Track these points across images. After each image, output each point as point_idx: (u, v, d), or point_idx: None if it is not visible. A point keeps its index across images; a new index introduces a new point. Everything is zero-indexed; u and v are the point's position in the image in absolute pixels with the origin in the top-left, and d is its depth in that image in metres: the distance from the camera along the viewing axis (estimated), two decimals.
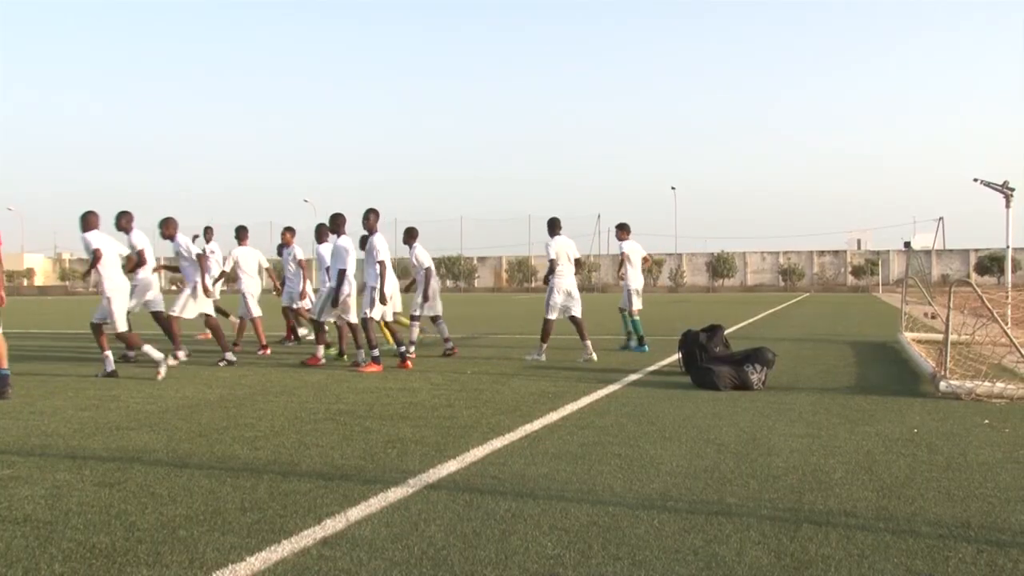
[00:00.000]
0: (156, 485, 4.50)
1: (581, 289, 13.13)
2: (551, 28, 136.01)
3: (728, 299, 43.49)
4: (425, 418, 6.56)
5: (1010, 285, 16.58)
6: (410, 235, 12.35)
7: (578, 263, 11.77)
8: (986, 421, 6.36)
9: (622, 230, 13.43)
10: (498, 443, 5.56)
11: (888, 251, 70.51)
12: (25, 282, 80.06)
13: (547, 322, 11.55)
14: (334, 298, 10.42)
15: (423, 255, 12.24)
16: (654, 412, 6.80)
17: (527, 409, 6.96)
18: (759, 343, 9.62)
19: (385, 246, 10.33)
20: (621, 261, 13.34)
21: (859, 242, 77.95)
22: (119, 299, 9.65)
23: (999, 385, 7.46)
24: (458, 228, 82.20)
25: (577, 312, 11.61)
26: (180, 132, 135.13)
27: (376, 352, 10.01)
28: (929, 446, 5.45)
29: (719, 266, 69.58)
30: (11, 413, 6.95)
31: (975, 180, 16.01)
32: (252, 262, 13.60)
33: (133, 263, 10.81)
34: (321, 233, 11.70)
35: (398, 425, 6.24)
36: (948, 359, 8.00)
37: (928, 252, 65.73)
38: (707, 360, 8.68)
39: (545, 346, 11.40)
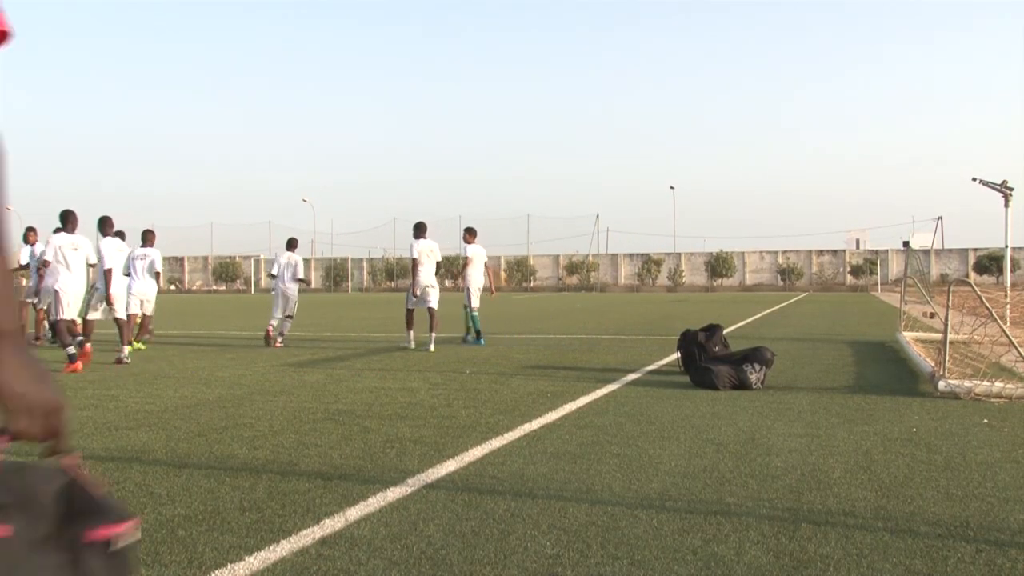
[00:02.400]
0: (155, 485, 4.50)
1: (580, 288, 13.71)
2: (551, 28, 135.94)
3: (727, 298, 43.50)
4: (424, 418, 6.56)
5: (1009, 284, 16.59)
6: (418, 230, 13.73)
7: (438, 265, 13.61)
8: (985, 420, 6.36)
9: (469, 234, 14.83)
10: (497, 443, 5.56)
11: (887, 250, 70.56)
12: (24, 282, 79.98)
13: (408, 312, 13.32)
14: (103, 297, 11.38)
15: (412, 248, 13.43)
16: (653, 412, 6.80)
17: (526, 409, 6.96)
18: (758, 343, 9.63)
19: (114, 251, 11.37)
20: (464, 263, 14.70)
21: (858, 241, 77.98)
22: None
23: (998, 384, 7.47)
24: (457, 228, 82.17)
25: (434, 304, 13.23)
26: (179, 132, 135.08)
27: (71, 350, 9.91)
28: (928, 446, 5.46)
29: (718, 266, 69.59)
30: None
31: (974, 179, 16.05)
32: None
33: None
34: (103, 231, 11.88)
35: (397, 425, 6.24)
36: (947, 358, 8.00)
37: (927, 251, 65.76)
38: (706, 360, 8.68)
39: (411, 333, 13.11)
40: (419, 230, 13.64)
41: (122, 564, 1.29)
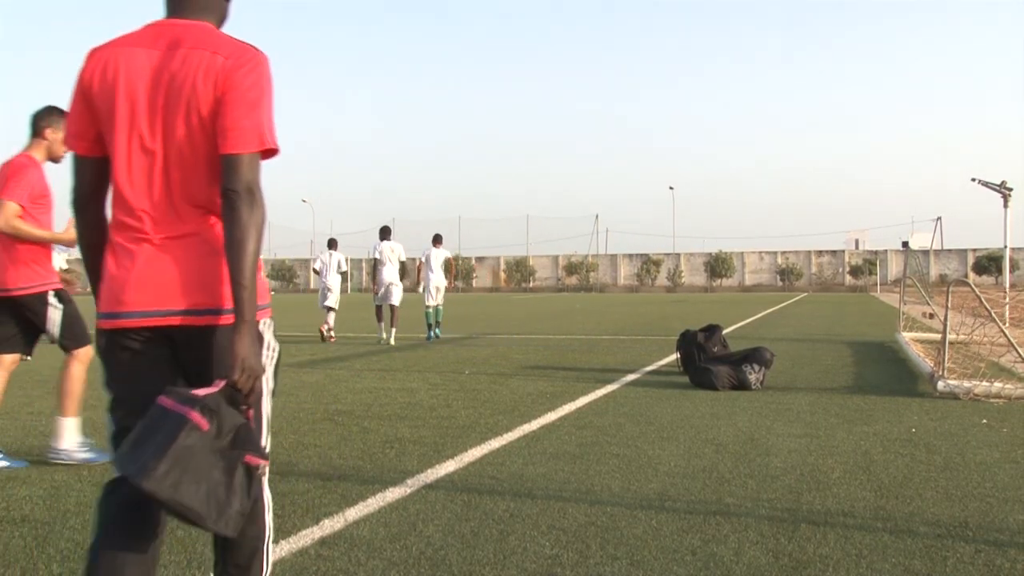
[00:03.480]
0: None
1: (579, 288, 14.00)
2: (551, 28, 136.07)
3: (726, 299, 43.51)
4: (423, 418, 6.55)
5: (1008, 285, 16.60)
6: (383, 232, 14.98)
7: (403, 265, 14.78)
8: (984, 421, 6.37)
9: (436, 241, 15.98)
10: (496, 443, 5.56)
11: (886, 251, 70.58)
12: None
13: (377, 308, 14.71)
14: None
15: (374, 249, 14.83)
16: (652, 412, 6.80)
17: (525, 409, 6.96)
18: (757, 343, 9.63)
19: None
20: (419, 265, 16.07)
21: (857, 242, 78.01)
22: None
23: (997, 385, 7.47)
24: (456, 228, 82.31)
25: (395, 301, 14.47)
26: None
27: None
28: (927, 446, 5.46)
29: (717, 266, 69.59)
30: (9, 413, 6.94)
31: (973, 180, 16.04)
32: None
33: None
34: None
35: (396, 425, 6.24)
36: (946, 359, 8.01)
37: (926, 252, 65.77)
38: (705, 360, 8.69)
39: (382, 325, 14.42)
40: (384, 233, 14.95)
41: (256, 482, 2.19)
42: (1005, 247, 16.48)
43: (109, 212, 2.30)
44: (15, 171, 4.82)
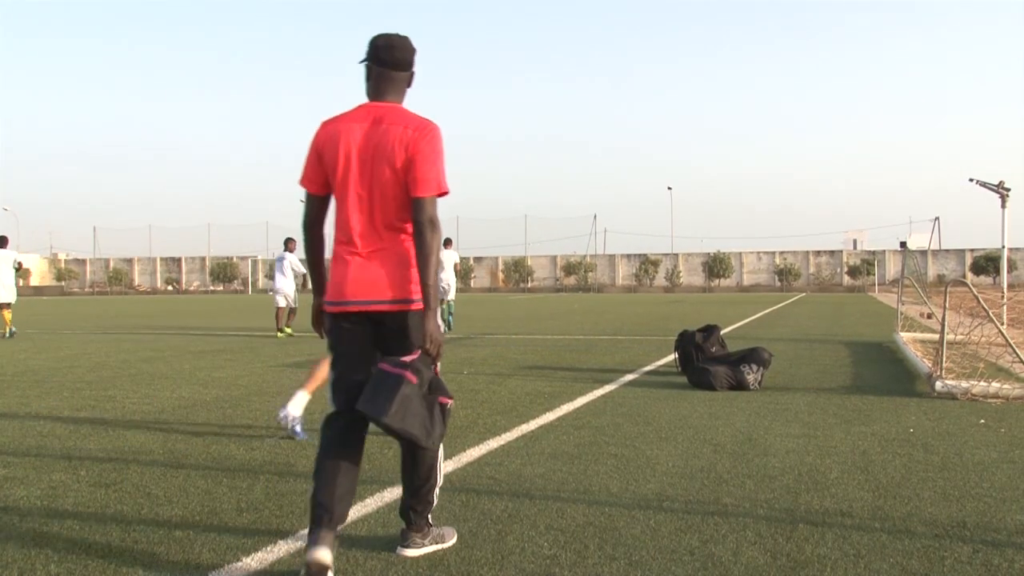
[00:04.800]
0: (152, 486, 4.50)
1: (577, 289, 14.29)
2: (550, 28, 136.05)
3: (724, 299, 43.53)
4: None
5: (1006, 285, 16.61)
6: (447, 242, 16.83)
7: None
8: (982, 421, 6.37)
9: (447, 244, 17.18)
10: (494, 443, 5.56)
11: (884, 251, 70.61)
12: (21, 282, 79.89)
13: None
14: None
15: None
16: (650, 412, 6.80)
17: (523, 409, 6.96)
18: (755, 343, 9.63)
19: None
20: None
21: (855, 242, 78.08)
22: None
23: (995, 385, 7.47)
24: (455, 228, 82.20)
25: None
26: (177, 133, 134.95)
27: None
28: (925, 446, 5.46)
29: (715, 266, 69.60)
30: (8, 413, 6.93)
31: (971, 180, 16.01)
32: None
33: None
34: None
35: None
36: (944, 359, 8.01)
37: (924, 252, 65.80)
38: (703, 360, 8.69)
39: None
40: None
41: (448, 415, 3.23)
42: (1003, 247, 16.48)
43: (326, 233, 3.43)
44: None
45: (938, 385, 7.59)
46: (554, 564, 3.27)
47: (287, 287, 16.35)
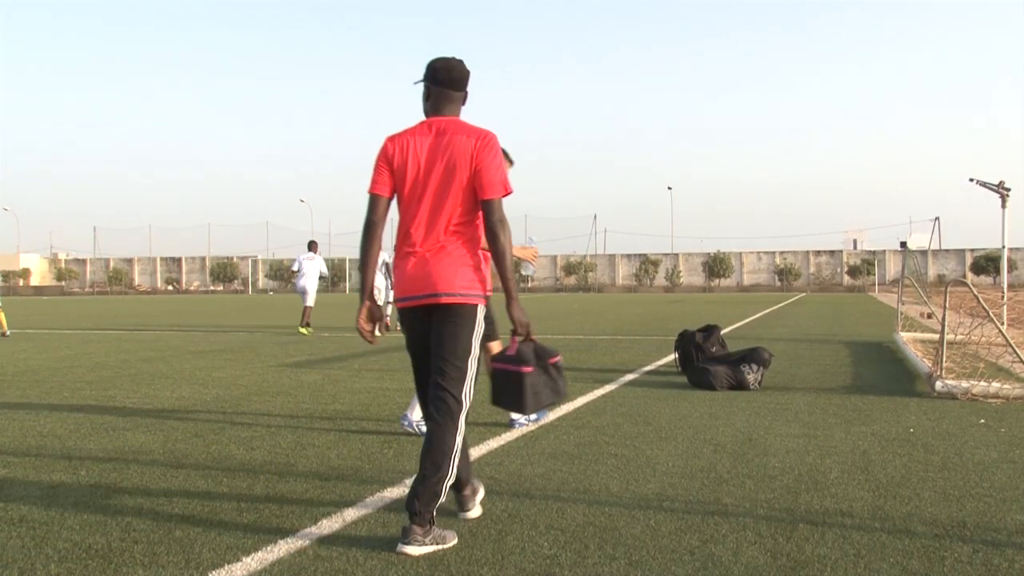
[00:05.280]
0: (152, 485, 4.50)
1: (577, 288, 14.22)
2: (549, 28, 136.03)
3: (724, 299, 43.52)
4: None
5: (1006, 285, 16.60)
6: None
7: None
8: (982, 421, 6.37)
9: None
10: (494, 443, 5.55)
11: (884, 251, 70.64)
12: (21, 282, 79.92)
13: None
14: None
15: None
16: (650, 412, 6.80)
17: None
18: (755, 343, 9.64)
19: None
20: None
21: (855, 242, 78.09)
22: None
23: (995, 385, 7.47)
24: None
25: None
26: (177, 132, 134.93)
27: None
28: (925, 446, 5.46)
29: (715, 266, 69.61)
30: (7, 413, 6.93)
31: (971, 180, 15.99)
32: None
33: None
34: None
35: (395, 425, 6.23)
36: (944, 359, 8.01)
37: (924, 252, 65.82)
38: (703, 360, 8.69)
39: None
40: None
41: (562, 371, 3.81)
42: (1003, 247, 16.46)
43: (384, 235, 3.74)
44: None
45: (938, 385, 7.59)
46: (554, 564, 3.27)
47: (312, 287, 17.49)
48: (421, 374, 3.76)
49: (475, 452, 5.26)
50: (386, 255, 17.92)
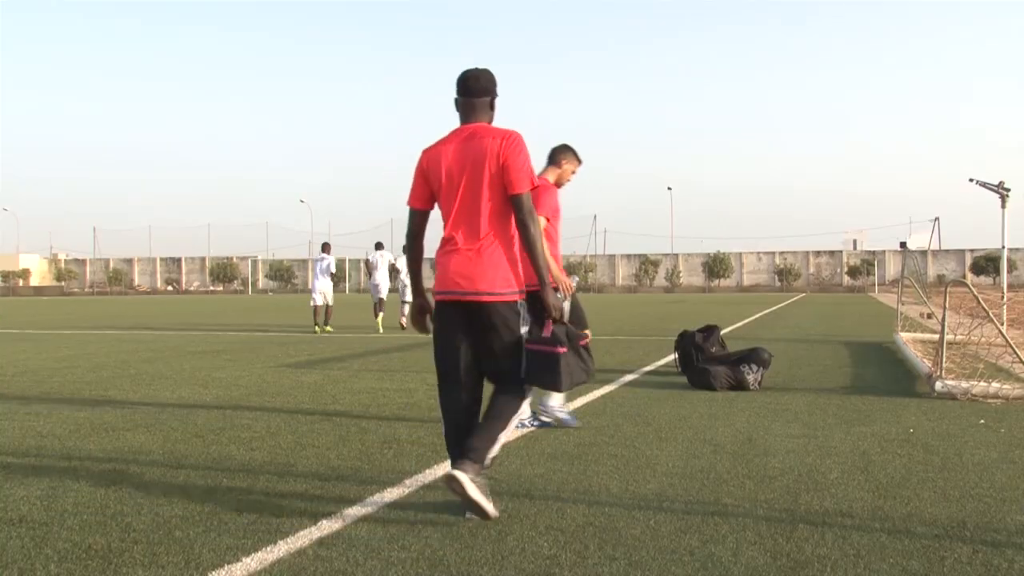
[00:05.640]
0: (152, 486, 4.50)
1: (577, 289, 14.47)
2: (549, 28, 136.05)
3: (724, 299, 43.52)
4: (421, 419, 6.55)
5: (1006, 285, 16.60)
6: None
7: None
8: (982, 421, 6.37)
9: None
10: None
11: (884, 251, 70.63)
12: (20, 282, 79.91)
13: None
14: None
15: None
16: (650, 412, 6.80)
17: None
18: (755, 343, 9.63)
19: None
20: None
21: (855, 242, 78.07)
22: None
23: (995, 385, 7.47)
24: None
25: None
26: (177, 132, 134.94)
27: None
28: (925, 446, 5.46)
29: (715, 266, 69.61)
30: (7, 413, 6.93)
31: (971, 180, 15.97)
32: None
33: None
34: None
35: (394, 426, 6.24)
36: (944, 359, 8.01)
37: (924, 252, 65.79)
38: (703, 360, 8.69)
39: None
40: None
41: (590, 352, 4.10)
42: (1003, 247, 16.45)
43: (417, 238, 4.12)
44: (543, 191, 5.72)
45: (938, 385, 7.59)
46: (554, 564, 3.26)
47: (327, 287, 18.13)
48: (452, 359, 3.93)
49: None
50: (390, 256, 19.01)
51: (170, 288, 79.52)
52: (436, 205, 4.01)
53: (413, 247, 4.12)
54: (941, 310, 8.67)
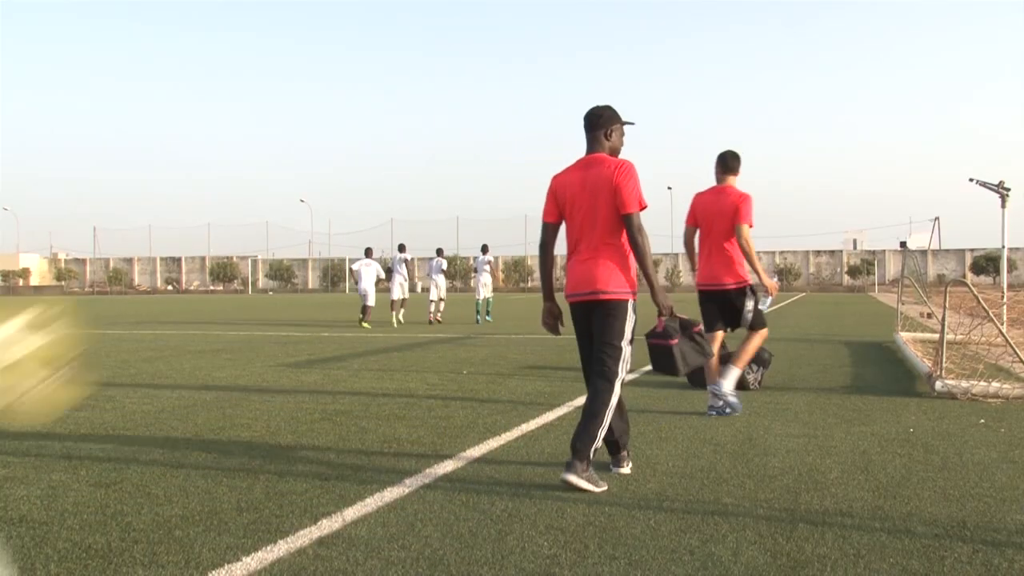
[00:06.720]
0: (152, 485, 4.50)
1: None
2: (549, 28, 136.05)
3: None
4: (421, 418, 6.55)
5: (1006, 285, 16.59)
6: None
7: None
8: (982, 421, 6.37)
9: (484, 250, 22.31)
10: (494, 443, 5.55)
11: (884, 251, 70.60)
12: (20, 282, 79.88)
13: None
14: None
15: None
16: (650, 412, 6.79)
17: (523, 409, 6.95)
18: None
19: None
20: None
21: (855, 242, 78.03)
22: None
23: (995, 385, 7.47)
24: (454, 228, 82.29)
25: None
26: (177, 132, 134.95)
27: None
28: (925, 446, 5.46)
29: None
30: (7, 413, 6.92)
31: (971, 180, 15.95)
32: None
33: None
34: None
35: (394, 425, 6.24)
36: (944, 359, 8.01)
37: (924, 252, 65.79)
38: None
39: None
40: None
41: (705, 336, 4.97)
42: (1003, 247, 16.44)
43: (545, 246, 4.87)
44: (748, 201, 6.93)
45: (938, 385, 7.59)
46: (554, 564, 3.26)
47: (371, 287, 19.59)
48: (585, 352, 4.65)
49: (475, 452, 5.27)
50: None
51: (170, 288, 79.51)
52: (563, 220, 4.69)
53: (543, 255, 4.80)
54: (941, 310, 8.66)
